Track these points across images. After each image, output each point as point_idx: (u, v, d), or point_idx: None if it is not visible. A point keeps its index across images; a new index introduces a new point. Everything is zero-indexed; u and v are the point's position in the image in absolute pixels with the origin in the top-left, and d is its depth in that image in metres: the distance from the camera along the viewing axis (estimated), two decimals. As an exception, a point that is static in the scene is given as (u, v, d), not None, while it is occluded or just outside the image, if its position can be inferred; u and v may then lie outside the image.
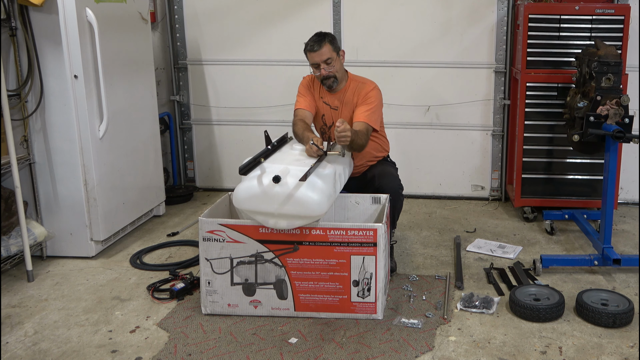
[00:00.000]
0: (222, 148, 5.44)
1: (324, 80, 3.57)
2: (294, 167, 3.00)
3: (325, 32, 3.58)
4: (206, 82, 5.31)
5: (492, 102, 4.99)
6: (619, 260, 3.51)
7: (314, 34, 3.58)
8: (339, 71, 3.59)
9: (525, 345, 2.87)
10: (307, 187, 2.91)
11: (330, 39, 3.54)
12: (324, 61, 3.51)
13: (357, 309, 3.09)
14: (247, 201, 2.99)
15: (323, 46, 3.49)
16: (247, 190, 2.98)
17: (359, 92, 3.60)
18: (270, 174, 2.93)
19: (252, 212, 3.01)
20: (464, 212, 4.86)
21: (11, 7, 3.52)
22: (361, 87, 3.62)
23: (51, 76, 3.68)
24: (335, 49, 3.55)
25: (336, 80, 3.59)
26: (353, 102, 3.62)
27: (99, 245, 4.00)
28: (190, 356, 2.82)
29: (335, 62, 3.54)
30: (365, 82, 3.66)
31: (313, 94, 3.72)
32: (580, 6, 4.27)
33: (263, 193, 2.94)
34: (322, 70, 3.53)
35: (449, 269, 3.72)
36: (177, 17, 5.21)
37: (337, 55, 3.56)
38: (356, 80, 3.67)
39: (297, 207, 2.91)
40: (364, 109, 3.54)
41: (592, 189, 4.51)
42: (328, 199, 3.00)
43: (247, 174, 3.01)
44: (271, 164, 3.08)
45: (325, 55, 3.50)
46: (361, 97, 3.58)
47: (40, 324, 3.14)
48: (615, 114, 3.53)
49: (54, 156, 3.80)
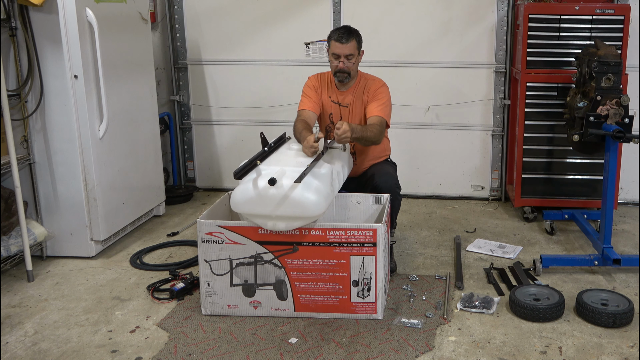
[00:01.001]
0: (222, 148, 5.44)
1: (338, 72, 3.61)
2: (290, 169, 2.99)
3: (354, 29, 3.64)
4: (206, 82, 5.31)
5: (492, 102, 4.98)
6: (619, 260, 3.51)
7: (343, 26, 3.66)
8: (354, 69, 3.65)
9: (525, 345, 2.87)
10: (303, 188, 2.91)
11: (357, 36, 3.62)
12: (345, 55, 3.56)
13: (357, 309, 3.09)
14: (244, 205, 2.99)
15: (350, 41, 3.56)
16: (244, 193, 2.98)
17: (369, 89, 3.66)
18: (266, 177, 2.91)
19: (250, 215, 3.01)
20: (464, 212, 4.86)
21: (11, 7, 3.52)
22: (370, 84, 3.68)
23: (51, 76, 3.68)
24: (359, 47, 3.63)
25: (349, 76, 3.63)
26: (363, 99, 3.67)
27: (99, 245, 4.00)
28: (190, 356, 2.82)
29: (355, 59, 3.61)
30: (374, 79, 3.73)
31: (320, 93, 3.74)
32: (580, 6, 4.27)
33: (259, 196, 2.93)
34: (341, 63, 3.57)
35: (449, 269, 3.72)
36: (177, 17, 5.21)
37: (358, 54, 3.64)
38: (366, 78, 3.73)
39: (294, 208, 2.91)
40: (376, 104, 3.61)
41: (592, 189, 4.51)
42: (325, 199, 2.99)
43: (242, 178, 2.99)
44: (267, 166, 3.06)
45: (349, 51, 3.56)
46: (371, 94, 3.65)
47: (40, 324, 3.14)
48: (615, 114, 3.53)
49: (54, 156, 3.80)
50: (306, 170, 2.95)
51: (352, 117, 3.70)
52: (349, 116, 3.70)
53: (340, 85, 3.69)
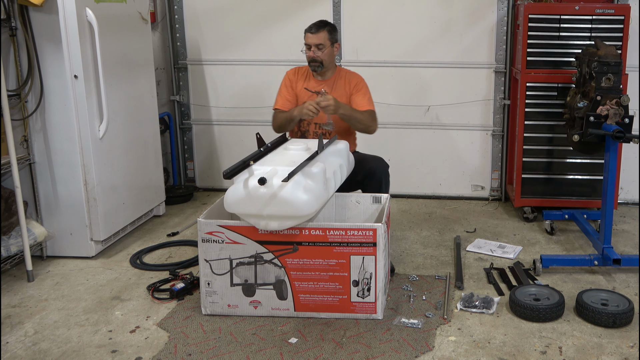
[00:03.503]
0: (222, 148, 5.44)
1: (311, 62, 3.76)
2: (282, 168, 2.96)
3: (328, 22, 3.81)
4: (206, 82, 5.31)
5: (492, 102, 4.99)
6: (619, 260, 3.51)
7: (319, 20, 3.79)
8: (327, 59, 3.77)
9: (525, 345, 2.87)
10: (293, 187, 2.88)
11: (330, 28, 3.77)
12: (316, 45, 3.70)
13: (357, 309, 3.09)
14: (236, 204, 2.98)
15: (320, 31, 3.72)
16: (235, 193, 2.97)
17: (350, 81, 3.82)
18: (258, 176, 2.90)
19: (242, 214, 3.01)
20: (464, 212, 4.86)
21: (11, 7, 3.52)
22: (351, 77, 3.85)
23: (51, 76, 3.68)
24: (332, 39, 3.77)
25: (322, 66, 3.76)
26: (346, 91, 3.79)
27: (99, 245, 4.00)
28: (190, 356, 2.82)
29: (326, 49, 3.73)
30: (353, 73, 3.91)
31: (295, 87, 3.87)
32: (580, 6, 4.27)
33: (249, 195, 2.92)
34: (312, 52, 3.72)
35: (449, 269, 3.72)
36: (177, 17, 5.21)
37: (330, 45, 3.76)
38: (345, 71, 3.90)
39: (284, 207, 2.88)
40: (364, 97, 3.76)
41: (592, 189, 4.51)
42: (317, 198, 2.96)
43: (231, 178, 2.98)
44: (260, 166, 3.04)
45: (319, 40, 3.71)
46: (353, 86, 3.79)
47: (40, 324, 3.14)
48: (615, 114, 3.53)
49: (54, 156, 3.80)
50: (296, 169, 2.92)
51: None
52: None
53: (317, 75, 3.83)
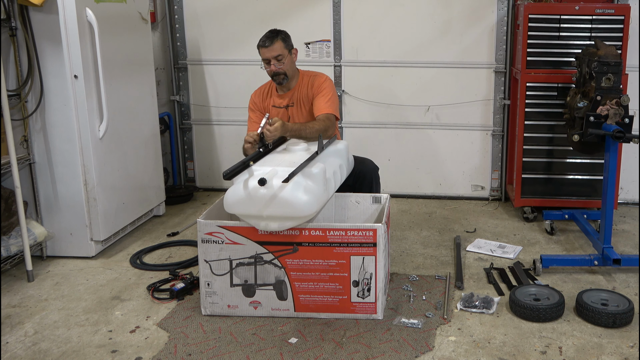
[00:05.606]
0: (222, 148, 5.43)
1: (274, 76, 3.69)
2: (282, 169, 2.95)
3: (279, 30, 3.70)
4: (206, 82, 5.31)
5: (492, 102, 4.98)
6: (619, 260, 3.51)
7: (268, 31, 3.70)
8: (290, 69, 3.70)
9: (525, 345, 2.87)
10: (293, 188, 2.88)
11: (283, 36, 3.67)
12: (274, 57, 3.63)
13: (357, 309, 3.09)
14: (236, 205, 2.97)
15: (275, 42, 3.62)
16: (235, 194, 2.96)
17: (312, 84, 3.73)
18: (258, 177, 2.89)
19: (242, 215, 3.01)
20: (464, 212, 4.86)
21: (11, 7, 3.52)
22: (313, 79, 3.75)
23: (51, 76, 3.68)
24: (288, 46, 3.68)
25: (286, 77, 3.69)
26: (308, 96, 3.73)
27: (99, 245, 4.00)
28: (190, 356, 2.82)
29: (286, 59, 3.65)
30: (317, 74, 3.80)
31: (262, 107, 3.81)
32: (580, 6, 4.27)
33: (249, 196, 2.91)
34: (272, 66, 3.64)
35: (449, 269, 3.72)
36: (177, 17, 5.21)
37: (288, 53, 3.68)
38: (307, 75, 3.80)
39: (284, 208, 2.88)
40: (322, 100, 3.66)
41: (592, 189, 4.51)
42: (317, 198, 2.96)
43: (231, 179, 2.97)
44: (260, 167, 3.03)
45: (276, 52, 3.62)
46: (315, 88, 3.71)
47: (40, 324, 3.14)
48: (615, 114, 3.53)
49: (54, 156, 3.80)
50: (296, 170, 2.91)
51: (300, 115, 3.75)
52: (296, 115, 3.76)
53: (280, 88, 3.76)
